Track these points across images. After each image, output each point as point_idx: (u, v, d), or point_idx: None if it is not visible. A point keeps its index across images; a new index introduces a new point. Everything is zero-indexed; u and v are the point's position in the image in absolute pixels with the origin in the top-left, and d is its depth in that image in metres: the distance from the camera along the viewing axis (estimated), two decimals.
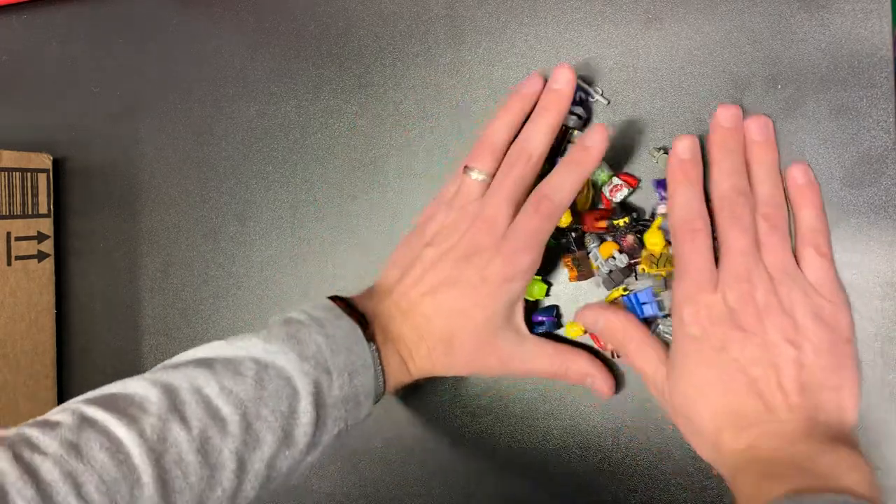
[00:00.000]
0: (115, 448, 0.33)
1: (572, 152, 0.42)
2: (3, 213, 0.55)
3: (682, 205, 0.40)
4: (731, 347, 0.37)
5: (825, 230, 0.40)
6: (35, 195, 0.57)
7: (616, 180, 0.44)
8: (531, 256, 0.41)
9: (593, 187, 0.45)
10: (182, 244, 0.56)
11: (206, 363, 0.38)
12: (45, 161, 0.58)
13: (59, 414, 0.35)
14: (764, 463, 0.35)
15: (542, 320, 0.46)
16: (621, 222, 0.43)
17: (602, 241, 0.44)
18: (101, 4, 0.59)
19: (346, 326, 0.40)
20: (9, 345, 0.55)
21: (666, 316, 0.43)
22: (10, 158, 0.55)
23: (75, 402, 0.36)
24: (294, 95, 0.53)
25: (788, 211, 0.40)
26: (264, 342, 0.39)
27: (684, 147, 0.41)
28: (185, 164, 0.56)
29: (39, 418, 0.35)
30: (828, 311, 0.38)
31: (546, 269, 0.46)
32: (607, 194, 0.44)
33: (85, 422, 0.34)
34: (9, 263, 0.55)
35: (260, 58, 0.54)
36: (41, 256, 0.57)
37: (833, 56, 0.41)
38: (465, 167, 0.44)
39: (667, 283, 0.43)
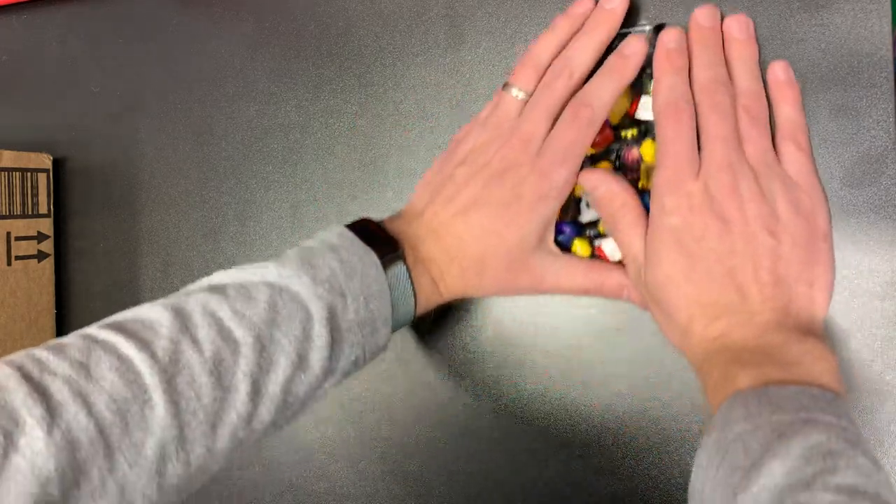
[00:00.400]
0: (126, 368, 0.33)
1: (610, 60, 0.41)
2: (3, 213, 0.55)
3: (667, 88, 0.40)
4: (710, 237, 0.37)
5: (804, 127, 0.40)
6: (35, 195, 0.57)
7: (648, 99, 0.42)
8: (568, 171, 0.40)
9: (628, 99, 0.43)
10: (182, 244, 0.56)
11: (218, 289, 0.37)
12: (45, 161, 0.58)
13: (68, 337, 0.34)
14: (733, 351, 0.36)
15: (564, 230, 0.44)
16: (629, 133, 0.42)
17: (595, 161, 0.43)
18: (101, 4, 0.59)
19: (361, 251, 0.39)
20: (9, 345, 0.54)
21: None
22: (10, 158, 0.55)
23: (86, 328, 0.35)
24: (294, 95, 0.53)
25: (769, 107, 0.40)
26: (278, 267, 0.38)
27: (670, 37, 0.41)
28: (185, 164, 0.56)
29: (49, 342, 0.34)
30: (807, 205, 0.38)
31: None
32: (639, 105, 0.43)
33: (95, 343, 0.34)
34: (9, 263, 0.55)
35: (260, 58, 0.54)
36: (41, 256, 0.57)
37: (833, 56, 0.41)
38: (505, 84, 0.43)
39: None
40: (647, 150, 0.42)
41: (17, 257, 0.55)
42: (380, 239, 0.40)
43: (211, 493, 0.55)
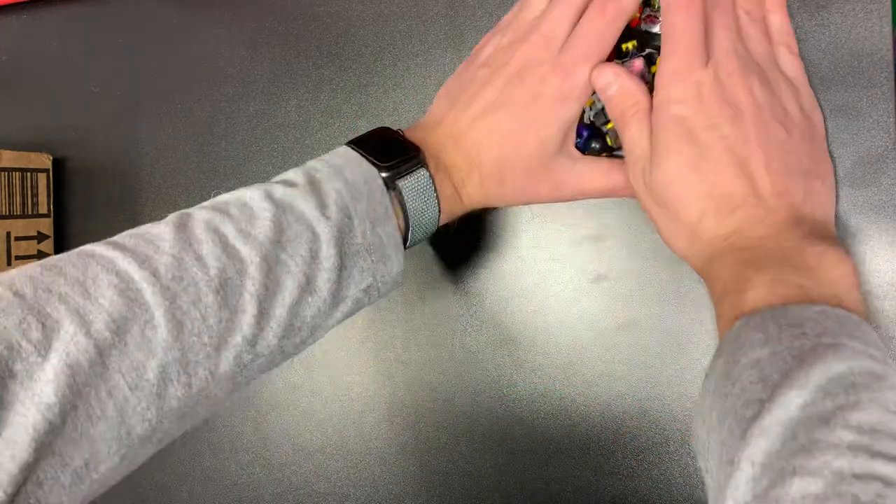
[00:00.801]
0: (126, 286, 0.31)
1: None
2: (3, 213, 0.55)
3: None
4: (722, 125, 0.36)
5: (793, 34, 0.40)
6: (35, 195, 0.57)
7: (660, 14, 0.41)
8: (591, 69, 0.38)
9: (647, 5, 0.42)
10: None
11: (221, 206, 0.36)
12: (44, 161, 0.58)
13: (63, 255, 0.32)
14: (746, 251, 0.34)
15: (582, 133, 0.43)
16: (630, 45, 0.42)
17: None
18: (101, 4, 0.59)
19: (367, 173, 0.38)
20: None
21: None
22: (10, 158, 0.55)
23: (83, 246, 0.33)
24: (294, 95, 0.53)
25: None
26: (283, 186, 0.36)
27: None
28: (185, 164, 0.56)
29: (42, 260, 0.32)
30: (808, 104, 0.38)
31: None
32: (642, 18, 0.42)
33: (91, 258, 0.32)
34: (9, 263, 0.55)
35: (260, 58, 0.54)
36: (41, 257, 0.57)
37: (833, 56, 0.41)
38: None
39: None
40: None
41: (17, 257, 0.55)
42: (399, 145, 0.39)
43: (211, 493, 0.55)
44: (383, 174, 0.38)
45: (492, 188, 0.41)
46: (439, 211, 0.39)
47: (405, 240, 0.39)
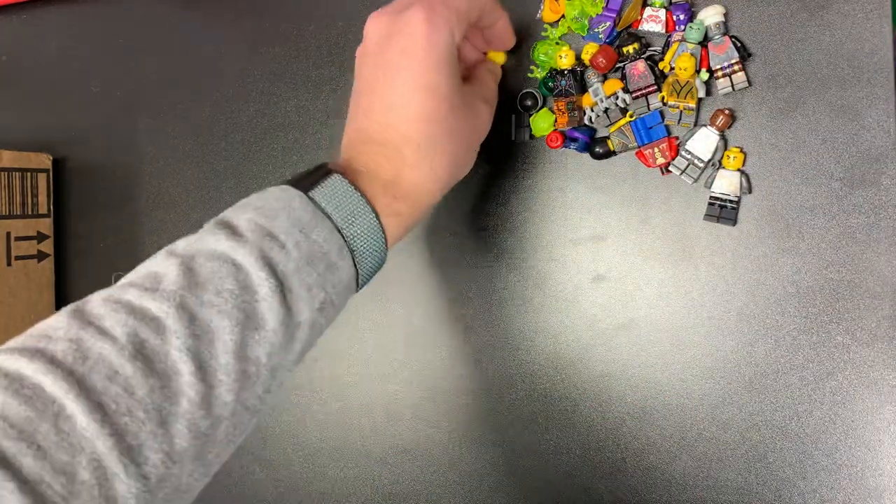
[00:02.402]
0: (19, 384, 0.26)
1: None
2: (3, 213, 0.55)
3: None
4: None
5: None
6: (35, 195, 0.57)
7: (661, 13, 0.43)
8: None
9: (636, 11, 0.43)
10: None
11: (120, 283, 0.32)
12: (44, 161, 0.58)
13: None
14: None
15: (577, 137, 0.45)
16: (631, 48, 0.43)
17: (605, 79, 0.44)
18: (101, 4, 0.59)
19: (276, 192, 0.35)
20: None
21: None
22: (9, 158, 0.55)
23: None
24: (294, 95, 0.53)
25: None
26: (185, 239, 0.33)
27: None
28: (185, 164, 0.56)
29: None
30: None
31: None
32: (643, 18, 0.43)
33: None
34: (9, 263, 0.55)
35: (260, 58, 0.54)
36: (41, 256, 0.57)
37: (833, 56, 0.41)
38: None
39: (682, 116, 0.43)
40: (683, 62, 0.41)
41: (17, 257, 0.55)
42: (306, 172, 0.37)
43: (211, 493, 0.55)
44: (289, 189, 0.35)
45: (420, 174, 0.37)
46: (376, 213, 0.35)
47: (351, 251, 0.35)
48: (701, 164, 0.43)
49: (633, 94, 0.43)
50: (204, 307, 0.30)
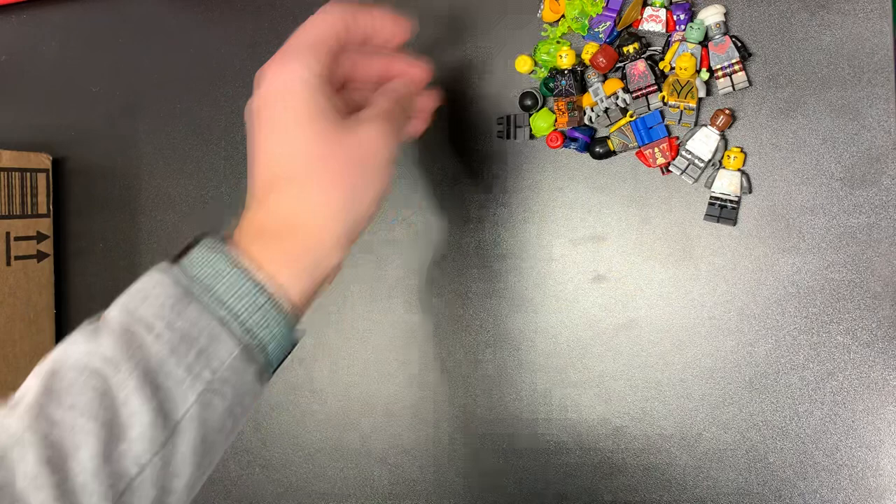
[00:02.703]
0: None
1: None
2: (3, 213, 0.55)
3: None
4: None
5: None
6: (34, 195, 0.57)
7: (661, 13, 0.43)
8: (298, 38, 0.37)
9: (637, 10, 0.43)
10: (182, 244, 0.56)
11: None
12: (44, 161, 0.58)
13: None
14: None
15: (577, 137, 0.45)
16: (631, 48, 0.43)
17: (605, 78, 0.44)
18: (101, 4, 0.59)
19: (145, 277, 0.33)
20: (8, 345, 0.54)
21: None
22: (9, 158, 0.55)
23: None
24: None
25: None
26: (63, 343, 0.31)
27: None
28: (185, 164, 0.56)
29: None
30: None
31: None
32: (643, 18, 0.43)
33: None
34: (8, 263, 0.55)
35: (260, 58, 0.54)
36: (41, 256, 0.57)
37: (833, 56, 0.41)
38: None
39: (682, 116, 0.43)
40: (683, 62, 0.42)
41: (17, 257, 0.55)
42: (187, 247, 0.35)
43: (211, 492, 0.55)
44: (164, 266, 0.34)
45: (314, 202, 0.35)
46: (257, 269, 0.33)
47: (230, 319, 0.32)
48: (701, 164, 0.43)
49: (634, 94, 0.43)
50: (56, 427, 0.28)
